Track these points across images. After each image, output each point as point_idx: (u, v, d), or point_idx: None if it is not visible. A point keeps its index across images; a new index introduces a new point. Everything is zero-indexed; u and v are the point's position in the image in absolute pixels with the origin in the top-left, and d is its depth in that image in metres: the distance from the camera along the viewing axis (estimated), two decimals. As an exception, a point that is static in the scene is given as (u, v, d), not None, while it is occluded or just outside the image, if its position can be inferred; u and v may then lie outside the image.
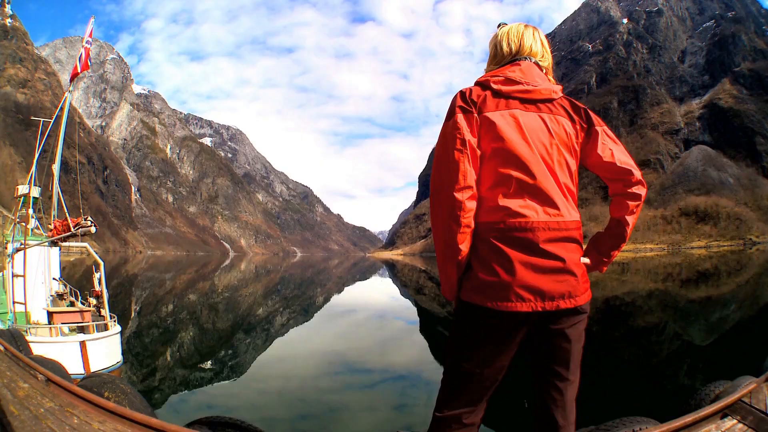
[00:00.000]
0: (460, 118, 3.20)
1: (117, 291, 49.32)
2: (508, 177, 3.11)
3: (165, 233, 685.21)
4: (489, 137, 3.17)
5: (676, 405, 5.13)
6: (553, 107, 3.37)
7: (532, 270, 2.98)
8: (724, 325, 24.05)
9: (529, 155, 3.13)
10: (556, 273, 3.02)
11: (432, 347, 20.61)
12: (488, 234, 3.10)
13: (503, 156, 3.14)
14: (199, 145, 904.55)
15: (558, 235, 3.08)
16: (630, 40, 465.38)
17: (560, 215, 3.12)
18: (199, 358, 19.81)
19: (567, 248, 3.10)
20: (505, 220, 3.06)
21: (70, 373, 9.97)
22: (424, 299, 43.00)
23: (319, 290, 57.34)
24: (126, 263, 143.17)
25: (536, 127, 3.24)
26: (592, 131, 3.43)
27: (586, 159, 3.47)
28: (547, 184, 3.13)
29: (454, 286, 3.27)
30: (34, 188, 19.82)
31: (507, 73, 3.37)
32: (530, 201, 3.09)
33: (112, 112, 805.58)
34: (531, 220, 3.03)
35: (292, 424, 11.65)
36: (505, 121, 3.20)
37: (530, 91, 3.31)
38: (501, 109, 3.23)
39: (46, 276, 18.01)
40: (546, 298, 2.98)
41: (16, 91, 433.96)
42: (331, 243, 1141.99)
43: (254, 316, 33.17)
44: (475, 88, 3.38)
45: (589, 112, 3.47)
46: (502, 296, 2.98)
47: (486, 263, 3.07)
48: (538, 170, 3.13)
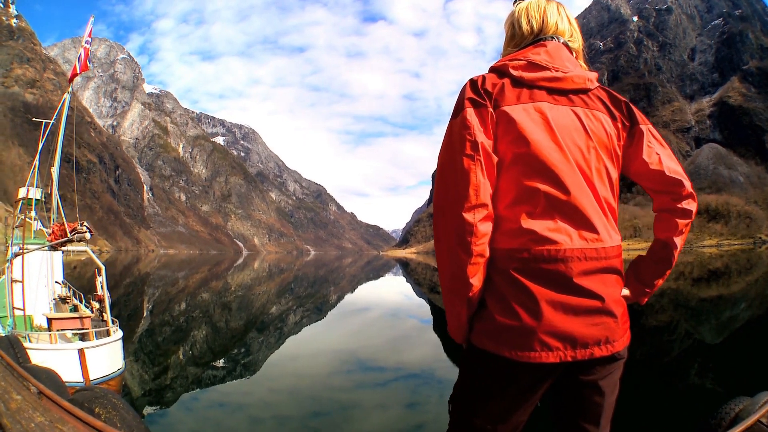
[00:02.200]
0: (470, 114, 2.53)
1: (129, 290, 49.57)
2: (534, 191, 2.47)
3: (178, 232, 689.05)
4: (508, 138, 2.52)
5: (692, 423, 5.11)
6: (588, 100, 2.72)
7: (562, 311, 2.37)
8: (734, 325, 23.89)
9: (560, 162, 2.49)
10: (592, 314, 2.41)
11: (445, 346, 20.51)
12: (507, 265, 2.47)
13: (527, 163, 2.49)
14: (212, 144, 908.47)
15: (596, 265, 2.46)
16: (641, 38, 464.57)
17: (599, 240, 2.48)
18: (211, 356, 19.86)
19: (606, 282, 2.48)
20: (529, 247, 2.43)
21: (69, 381, 10.07)
22: (437, 298, 42.79)
23: (332, 289, 57.30)
24: (138, 262, 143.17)
25: (569, 126, 2.59)
26: (636, 131, 2.78)
27: (628, 165, 2.83)
28: (583, 199, 2.49)
29: (463, 326, 2.67)
30: (35, 190, 19.90)
31: (530, 56, 2.71)
32: (562, 222, 2.46)
33: (123, 111, 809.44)
34: (563, 248, 2.41)
35: (304, 422, 11.61)
36: (530, 117, 2.54)
37: (560, 79, 2.66)
38: (523, 101, 2.58)
39: (49, 279, 18.12)
40: (578, 346, 2.39)
41: (25, 91, 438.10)
42: (344, 241, 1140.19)
43: (267, 314, 33.11)
44: (489, 75, 2.71)
45: (631, 107, 2.83)
46: (524, 344, 2.38)
47: (504, 302, 2.45)
48: (572, 182, 2.48)
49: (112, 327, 12.95)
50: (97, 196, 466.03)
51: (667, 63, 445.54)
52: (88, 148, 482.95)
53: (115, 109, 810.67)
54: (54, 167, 18.86)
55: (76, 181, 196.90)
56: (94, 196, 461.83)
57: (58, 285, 18.85)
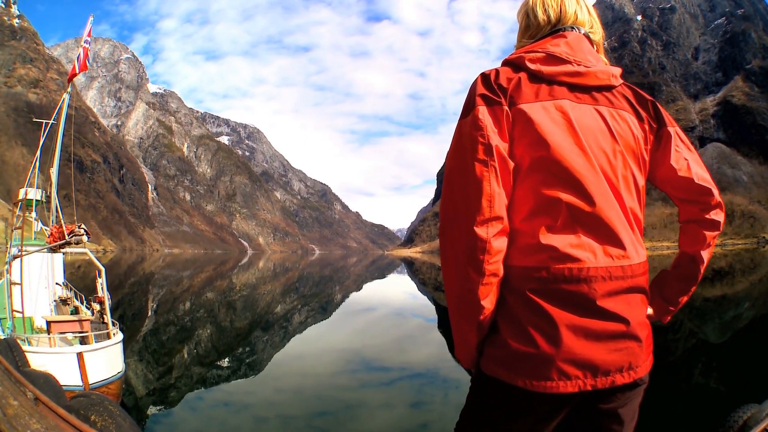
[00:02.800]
0: (482, 113, 2.24)
1: (134, 289, 49.70)
2: (555, 201, 2.20)
3: (182, 231, 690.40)
4: (526, 141, 2.24)
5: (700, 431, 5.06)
6: (613, 98, 2.44)
7: (583, 337, 2.11)
8: (737, 324, 23.90)
9: (585, 168, 2.22)
10: (616, 339, 2.16)
11: (450, 345, 20.51)
12: (523, 285, 2.20)
13: (548, 169, 2.22)
14: (217, 144, 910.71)
15: (622, 285, 2.19)
16: (644, 37, 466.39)
17: (626, 257, 2.22)
18: (216, 355, 19.89)
19: (632, 303, 2.22)
20: (548, 265, 2.15)
21: (68, 385, 10.06)
22: (442, 296, 42.80)
23: (337, 288, 57.31)
24: (143, 261, 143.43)
25: (593, 127, 2.31)
26: (663, 133, 2.51)
27: (654, 171, 2.55)
28: (609, 211, 2.22)
29: (472, 352, 2.38)
30: (35, 191, 19.88)
31: (548, 48, 2.41)
32: (586, 237, 2.19)
33: (127, 111, 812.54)
34: (586, 266, 2.14)
35: (309, 422, 11.61)
36: (550, 116, 2.26)
37: (582, 74, 2.38)
38: (543, 98, 2.29)
39: (50, 281, 18.12)
40: (599, 374, 2.14)
41: (28, 91, 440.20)
42: (349, 240, 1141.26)
43: (272, 314, 33.15)
44: (503, 69, 2.41)
45: (658, 107, 2.55)
46: (540, 373, 2.12)
47: (519, 326, 2.18)
48: (597, 191, 2.21)
49: (112, 329, 12.81)
50: (102, 196, 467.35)
51: (671, 62, 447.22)
52: (92, 148, 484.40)
53: (120, 109, 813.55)
54: (53, 168, 18.81)
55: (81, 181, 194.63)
56: (99, 196, 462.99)
57: (59, 286, 18.82)
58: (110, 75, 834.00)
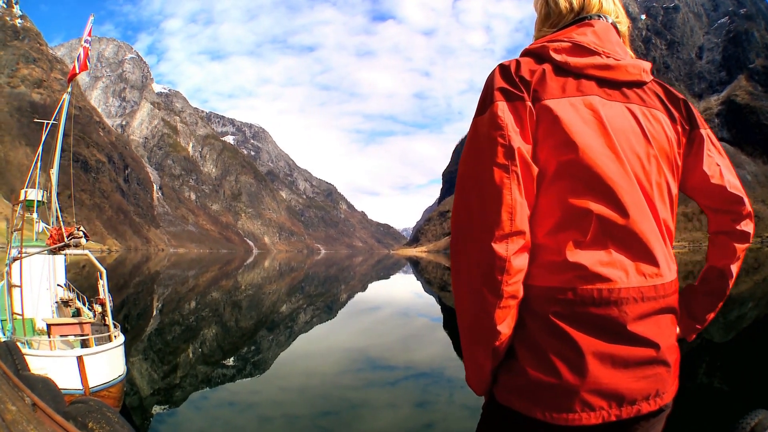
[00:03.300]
0: (502, 110, 1.95)
1: (139, 289, 49.79)
2: (585, 213, 1.93)
3: (187, 231, 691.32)
4: (552, 143, 1.97)
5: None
6: (645, 95, 2.18)
7: (610, 365, 1.87)
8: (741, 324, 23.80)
9: (618, 175, 1.96)
10: (644, 365, 1.92)
11: (455, 345, 20.50)
12: (546, 308, 1.93)
13: (576, 176, 1.95)
14: (222, 143, 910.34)
15: (654, 307, 1.95)
16: (649, 36, 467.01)
17: (659, 275, 1.98)
18: (221, 355, 19.88)
19: (662, 325, 1.99)
20: (575, 286, 1.89)
21: (68, 389, 10.00)
22: (448, 296, 42.80)
23: (342, 287, 57.29)
24: (148, 261, 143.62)
25: (626, 128, 2.05)
26: (696, 136, 2.27)
27: (685, 178, 2.29)
28: (644, 224, 1.97)
29: (485, 378, 2.11)
30: (35, 191, 19.64)
31: (575, 37, 2.14)
32: (617, 254, 1.93)
33: (132, 111, 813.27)
34: (617, 287, 1.88)
35: (314, 421, 11.60)
36: (579, 115, 1.99)
37: (612, 67, 2.11)
38: (570, 94, 2.02)
39: (51, 282, 18.10)
40: (624, 403, 1.90)
41: (32, 91, 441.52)
42: (355, 240, 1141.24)
43: (277, 313, 33.10)
44: (524, 59, 2.13)
45: (690, 107, 2.30)
46: (562, 405, 1.88)
47: (540, 353, 1.92)
48: (631, 201, 1.96)
49: (113, 332, 12.73)
50: (107, 196, 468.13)
51: (675, 61, 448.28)
52: (97, 148, 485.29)
53: (124, 109, 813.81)
54: (53, 169, 18.74)
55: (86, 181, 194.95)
56: (104, 196, 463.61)
57: (60, 288, 18.77)
58: (115, 75, 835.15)
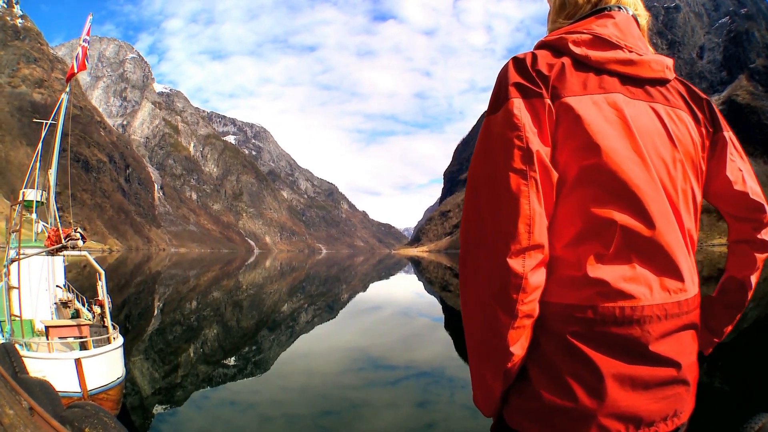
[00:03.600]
0: (518, 107, 1.76)
1: (140, 288, 49.77)
2: (608, 224, 1.74)
3: (189, 230, 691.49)
4: (573, 145, 1.78)
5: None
6: (669, 94, 2.00)
7: (630, 387, 1.70)
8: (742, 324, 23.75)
9: (644, 182, 1.78)
10: (664, 386, 1.76)
11: (456, 344, 20.53)
12: (563, 327, 1.75)
13: (599, 182, 1.76)
14: (223, 143, 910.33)
15: (677, 324, 1.79)
16: (650, 36, 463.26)
17: (683, 290, 1.81)
18: (222, 355, 19.88)
19: (684, 342, 1.82)
20: (595, 303, 1.71)
21: (66, 391, 10.01)
22: (449, 296, 42.82)
23: (344, 287, 57.27)
24: (149, 261, 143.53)
25: (651, 129, 1.87)
26: (719, 139, 2.10)
27: (708, 184, 2.14)
28: (670, 235, 1.79)
29: (494, 401, 1.91)
30: (34, 192, 19.60)
31: (595, 29, 1.95)
32: (641, 268, 1.75)
33: (133, 110, 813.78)
34: (641, 304, 1.71)
35: (315, 421, 11.61)
36: (602, 115, 1.80)
37: (635, 63, 1.92)
38: (592, 91, 1.83)
39: (50, 283, 18.03)
40: (642, 425, 1.73)
41: (33, 91, 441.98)
42: (356, 240, 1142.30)
43: (279, 313, 33.10)
44: (541, 52, 1.93)
45: (713, 107, 2.13)
46: (577, 429, 1.72)
47: (555, 375, 1.75)
48: (658, 210, 1.78)
49: (112, 333, 12.67)
50: (108, 195, 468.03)
51: (676, 61, 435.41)
52: (98, 148, 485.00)
53: (125, 109, 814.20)
54: (51, 170, 18.66)
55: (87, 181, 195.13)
56: (105, 195, 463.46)
57: (60, 289, 18.72)
58: (116, 75, 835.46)
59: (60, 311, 17.83)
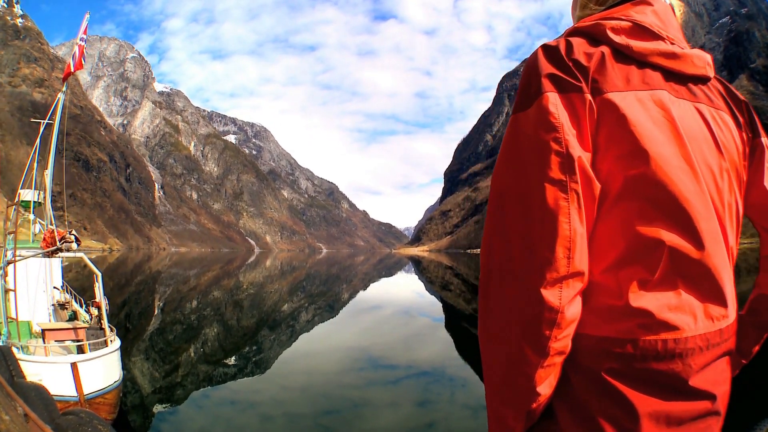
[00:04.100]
0: (555, 104, 1.48)
1: (140, 288, 49.74)
2: (655, 245, 1.49)
3: (189, 230, 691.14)
4: (617, 151, 1.51)
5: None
6: (711, 93, 1.75)
7: (665, 425, 1.48)
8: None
9: (695, 196, 1.53)
10: (698, 419, 1.54)
11: (457, 344, 20.60)
12: (598, 363, 1.51)
13: (646, 195, 1.50)
14: (224, 143, 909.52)
15: (716, 353, 1.56)
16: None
17: (726, 316, 1.58)
18: (222, 354, 19.86)
19: (720, 371, 1.60)
20: (636, 337, 1.47)
21: (62, 395, 10.03)
22: (449, 296, 42.94)
23: (344, 287, 57.20)
24: (150, 260, 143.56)
25: (698, 134, 1.62)
26: (757, 145, 1.84)
27: (746, 195, 1.84)
28: (717, 257, 1.55)
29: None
30: (32, 192, 19.65)
31: (634, 16, 1.66)
32: (687, 295, 1.52)
33: (133, 110, 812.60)
34: (684, 336, 1.49)
35: (316, 420, 11.61)
36: (649, 115, 1.53)
37: (678, 56, 1.65)
38: (636, 87, 1.56)
39: (48, 285, 18.00)
40: None
41: (33, 90, 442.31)
42: (356, 239, 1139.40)
43: (279, 312, 33.09)
44: (576, 40, 1.62)
45: (752, 110, 1.88)
46: None
47: (585, 417, 1.52)
48: (707, 228, 1.54)
49: (109, 336, 12.62)
50: (108, 195, 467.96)
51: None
52: (98, 147, 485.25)
53: (126, 108, 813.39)
54: (47, 170, 18.61)
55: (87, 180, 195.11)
56: (105, 195, 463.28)
57: (57, 290, 18.69)
58: (116, 74, 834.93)
59: (58, 313, 17.78)
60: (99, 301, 14.34)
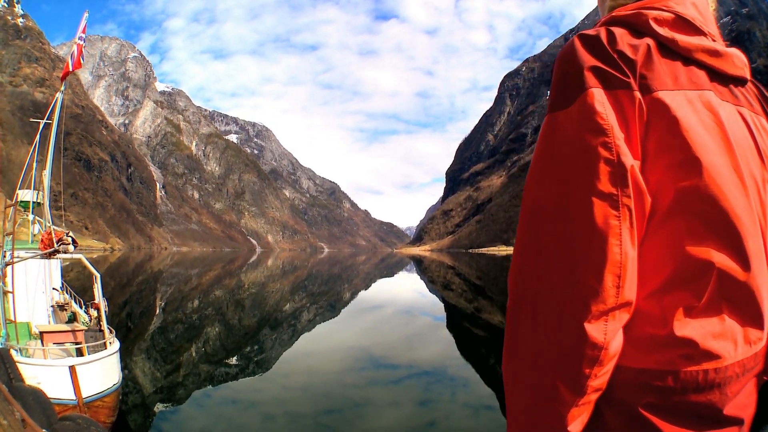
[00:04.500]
0: (601, 102, 1.29)
1: (142, 287, 49.71)
2: (705, 267, 1.31)
3: (191, 229, 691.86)
4: (668, 159, 1.32)
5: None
6: (750, 97, 1.59)
7: None
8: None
9: (744, 211, 1.36)
10: None
11: (458, 343, 20.61)
12: (636, 397, 1.34)
13: (696, 211, 1.32)
14: (225, 142, 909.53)
15: (749, 378, 1.42)
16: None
17: (761, 339, 1.40)
18: (224, 354, 19.83)
19: (749, 394, 1.45)
20: (678, 369, 1.30)
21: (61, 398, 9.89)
22: (451, 295, 42.94)
23: (345, 286, 57.13)
24: (151, 260, 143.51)
25: (743, 142, 1.45)
26: None
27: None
28: (761, 277, 1.37)
29: None
30: (31, 193, 19.53)
31: (675, 7, 1.46)
32: (730, 320, 1.34)
33: (135, 109, 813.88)
34: (725, 364, 1.32)
35: (317, 419, 11.60)
36: (699, 119, 1.36)
37: (721, 55, 1.48)
38: (684, 86, 1.38)
39: (47, 286, 17.96)
40: None
41: (34, 90, 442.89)
42: (358, 239, 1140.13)
43: (281, 312, 33.06)
44: (618, 30, 1.40)
45: None
46: None
47: None
48: (754, 247, 1.36)
49: (108, 338, 12.57)
50: (110, 194, 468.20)
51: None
52: (100, 147, 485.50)
53: (127, 108, 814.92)
54: (45, 170, 18.57)
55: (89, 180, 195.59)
56: (107, 194, 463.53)
57: (56, 292, 18.66)
58: (117, 74, 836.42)
59: (57, 314, 17.75)
60: (98, 303, 14.31)
